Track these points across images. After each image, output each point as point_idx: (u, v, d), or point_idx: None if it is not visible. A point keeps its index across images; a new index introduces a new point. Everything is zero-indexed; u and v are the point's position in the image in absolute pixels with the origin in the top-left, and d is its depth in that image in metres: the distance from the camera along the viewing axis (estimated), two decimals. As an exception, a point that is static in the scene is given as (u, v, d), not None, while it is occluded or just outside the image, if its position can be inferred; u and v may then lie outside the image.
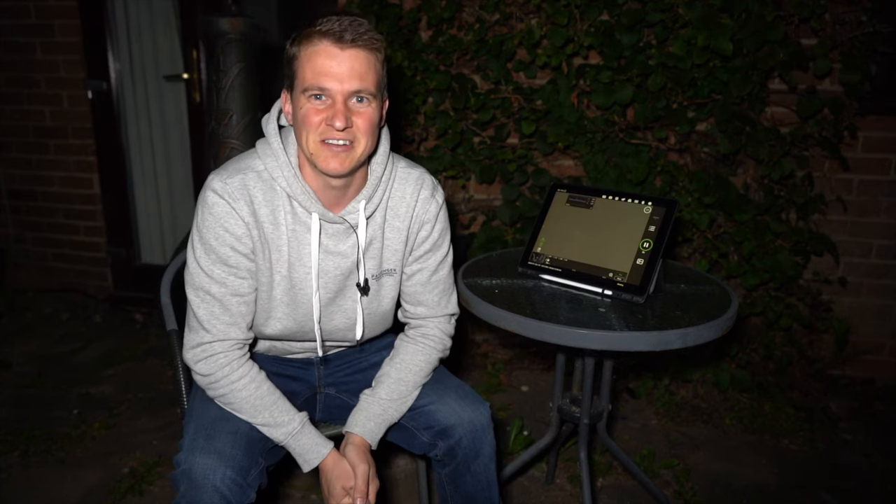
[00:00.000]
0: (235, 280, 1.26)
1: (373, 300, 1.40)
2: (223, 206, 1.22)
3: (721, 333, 1.41)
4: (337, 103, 1.17)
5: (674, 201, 1.54)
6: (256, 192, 1.24)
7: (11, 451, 2.18)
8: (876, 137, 2.49)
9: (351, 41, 1.15)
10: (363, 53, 1.17)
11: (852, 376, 2.70)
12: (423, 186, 1.37)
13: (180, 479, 1.19)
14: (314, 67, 1.16)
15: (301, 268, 1.30)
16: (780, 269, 2.39)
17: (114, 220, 3.40)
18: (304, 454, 1.31)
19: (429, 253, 1.41)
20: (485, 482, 1.39)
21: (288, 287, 1.31)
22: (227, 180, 1.22)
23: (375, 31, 1.20)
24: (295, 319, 1.35)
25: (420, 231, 1.39)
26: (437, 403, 1.39)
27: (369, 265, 1.36)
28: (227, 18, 2.17)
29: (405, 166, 1.38)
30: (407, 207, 1.36)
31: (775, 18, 2.25)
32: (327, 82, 1.16)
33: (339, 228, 1.30)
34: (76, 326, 3.22)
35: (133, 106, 3.31)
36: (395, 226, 1.36)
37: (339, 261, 1.32)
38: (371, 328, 1.45)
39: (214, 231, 1.22)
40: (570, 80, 2.44)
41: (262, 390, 1.29)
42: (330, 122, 1.17)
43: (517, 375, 2.72)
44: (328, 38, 1.15)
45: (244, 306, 1.28)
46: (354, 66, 1.16)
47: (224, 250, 1.23)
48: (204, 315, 1.26)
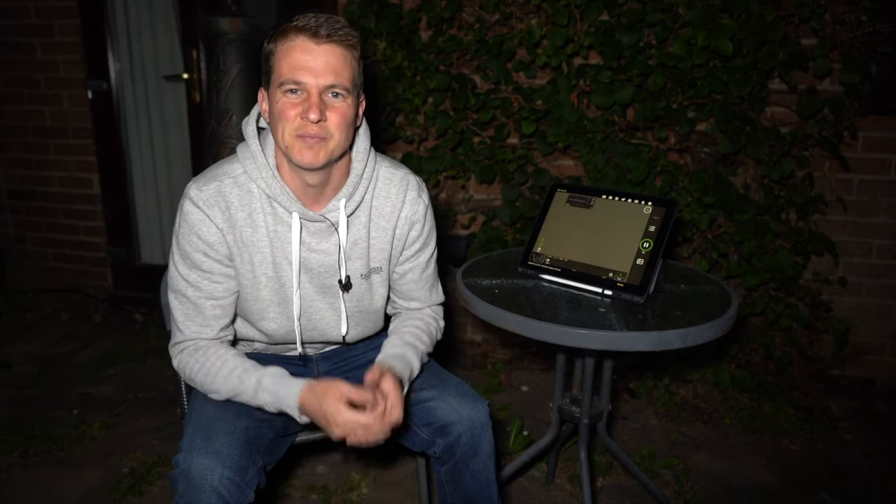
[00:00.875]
0: (210, 284, 1.30)
1: (363, 298, 1.42)
2: (197, 214, 1.26)
3: (721, 333, 1.41)
4: (312, 97, 1.19)
5: (674, 201, 1.54)
6: (232, 198, 1.27)
7: (11, 451, 2.18)
8: (876, 137, 2.49)
9: (326, 37, 1.18)
10: (339, 49, 1.20)
11: (852, 376, 2.70)
12: (409, 187, 1.39)
13: (178, 479, 1.19)
14: (290, 62, 1.18)
15: (287, 266, 1.33)
16: (780, 269, 2.39)
17: (114, 220, 3.40)
18: (280, 401, 1.25)
19: (419, 252, 1.45)
20: (484, 480, 1.39)
21: (277, 286, 1.34)
22: (203, 188, 1.26)
23: (351, 28, 1.23)
24: (287, 317, 1.37)
25: (411, 231, 1.41)
26: (437, 400, 1.39)
27: (357, 265, 1.38)
28: (227, 18, 2.17)
29: (389, 166, 1.40)
30: (392, 208, 1.38)
31: (775, 18, 2.25)
32: (302, 76, 1.18)
33: (320, 227, 1.32)
34: (76, 326, 3.22)
35: (133, 106, 3.31)
36: (381, 225, 1.38)
37: (322, 258, 1.34)
38: (363, 326, 1.47)
39: (188, 238, 1.27)
40: (570, 80, 2.44)
41: (228, 364, 1.30)
42: (304, 115, 1.19)
43: (517, 375, 2.72)
44: (304, 33, 1.18)
45: (218, 309, 1.32)
46: (330, 60, 1.18)
47: (197, 256, 1.28)
48: (179, 317, 1.32)
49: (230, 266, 1.31)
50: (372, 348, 1.57)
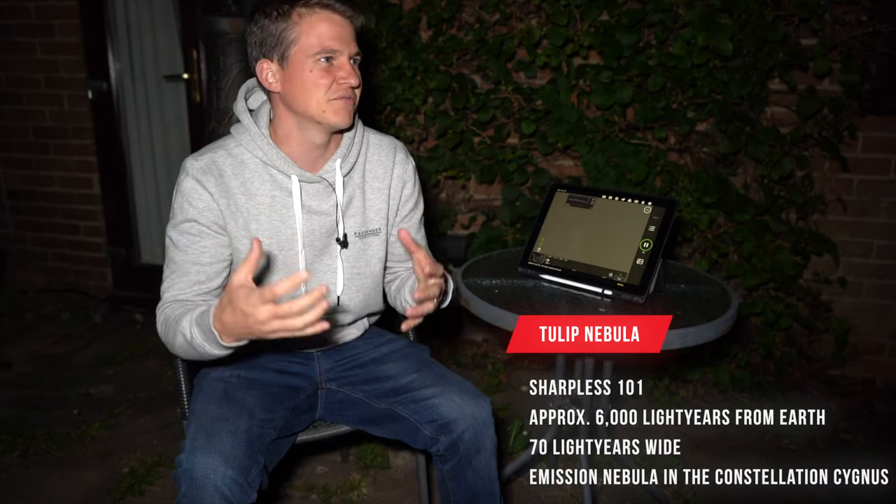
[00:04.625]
0: (196, 248, 1.33)
1: (360, 259, 1.45)
2: (189, 182, 1.31)
3: (721, 333, 1.41)
4: (346, 64, 1.29)
5: (674, 201, 1.54)
6: (226, 168, 1.33)
7: (11, 451, 2.18)
8: (876, 137, 2.48)
9: (342, 12, 1.29)
10: (352, 22, 1.31)
11: (852, 376, 2.70)
12: (398, 150, 1.50)
13: (181, 478, 1.20)
14: (320, 33, 1.26)
15: (286, 230, 1.37)
16: (780, 269, 2.39)
17: (114, 220, 3.40)
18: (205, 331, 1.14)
19: (412, 211, 1.53)
20: (486, 477, 1.40)
21: (278, 250, 1.38)
22: (198, 157, 1.33)
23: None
24: (291, 281, 1.33)
25: (404, 189, 1.50)
26: (440, 397, 1.40)
27: (351, 222, 1.43)
28: (227, 18, 2.17)
29: (375, 134, 1.50)
30: (385, 169, 1.47)
31: (775, 18, 2.25)
32: (337, 45, 1.27)
33: (318, 188, 1.38)
34: (76, 326, 3.22)
35: (133, 106, 3.30)
36: (375, 186, 1.46)
37: (322, 219, 1.39)
38: (363, 294, 1.48)
39: (181, 206, 1.32)
40: (570, 80, 2.44)
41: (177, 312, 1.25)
42: (344, 80, 1.28)
43: (517, 375, 2.72)
44: (327, 8, 1.27)
45: (202, 275, 1.34)
46: (349, 31, 1.31)
47: (187, 223, 1.32)
48: (165, 282, 1.35)
49: (221, 234, 1.34)
50: (372, 347, 1.57)
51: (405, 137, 2.69)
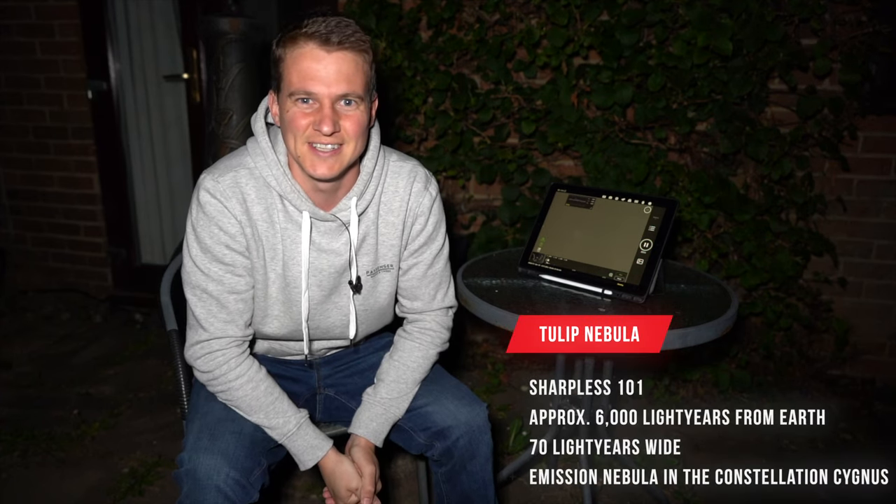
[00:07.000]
0: (232, 278, 1.26)
1: (368, 297, 1.39)
2: (216, 206, 1.21)
3: (721, 333, 1.41)
4: (324, 108, 1.15)
5: (674, 201, 1.54)
6: (249, 190, 1.23)
7: (11, 451, 2.18)
8: (876, 137, 2.48)
9: (338, 43, 1.13)
10: (350, 55, 1.15)
11: (852, 376, 2.70)
12: (416, 179, 1.35)
13: (183, 478, 1.19)
14: (300, 71, 1.14)
15: (295, 266, 1.30)
16: (780, 269, 2.39)
17: (114, 220, 3.40)
18: (300, 455, 1.31)
19: (424, 247, 1.39)
20: (481, 481, 1.39)
21: (283, 285, 1.31)
22: (219, 178, 1.22)
23: (363, 31, 1.18)
24: (291, 318, 1.35)
25: (414, 224, 1.37)
26: (433, 405, 1.38)
27: (364, 261, 1.35)
28: (227, 18, 2.18)
29: (397, 160, 1.36)
30: (401, 201, 1.34)
31: (775, 18, 2.25)
32: (314, 86, 1.14)
33: (331, 226, 1.29)
34: (76, 326, 3.22)
35: (133, 106, 3.30)
36: (390, 220, 1.35)
37: (332, 259, 1.31)
38: (368, 325, 1.45)
39: (209, 230, 1.22)
40: (570, 80, 2.44)
41: (259, 390, 1.29)
42: (317, 127, 1.15)
43: (517, 375, 2.72)
44: (314, 40, 1.13)
45: (241, 304, 1.28)
46: (342, 68, 1.14)
47: (219, 249, 1.23)
48: (202, 313, 1.26)
49: (248, 259, 1.27)
50: (372, 351, 1.56)
51: (405, 137, 2.69)
